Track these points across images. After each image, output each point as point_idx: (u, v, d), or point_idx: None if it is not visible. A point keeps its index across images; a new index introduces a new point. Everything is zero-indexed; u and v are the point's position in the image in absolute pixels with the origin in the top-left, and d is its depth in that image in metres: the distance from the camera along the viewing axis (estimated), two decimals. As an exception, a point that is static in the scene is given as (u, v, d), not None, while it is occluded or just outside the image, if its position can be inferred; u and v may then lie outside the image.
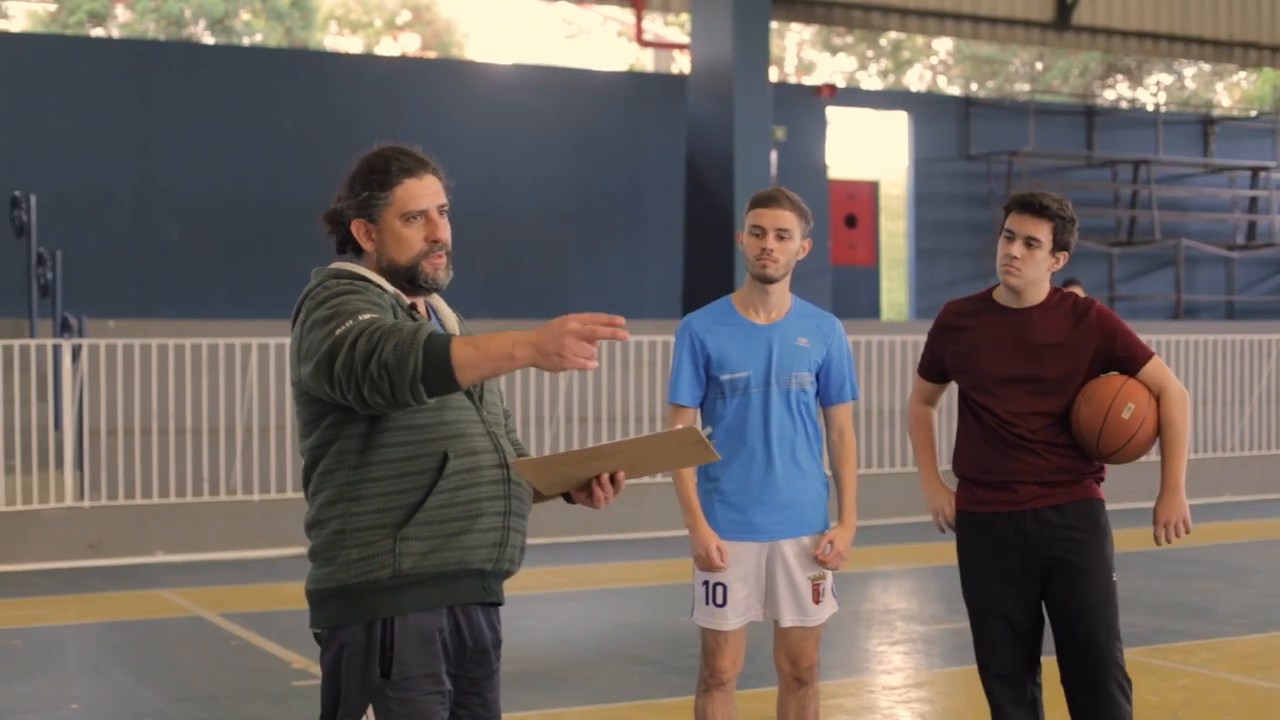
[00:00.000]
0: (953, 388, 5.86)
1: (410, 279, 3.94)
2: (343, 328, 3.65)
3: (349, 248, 4.01)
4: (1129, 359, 5.53)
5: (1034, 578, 5.54)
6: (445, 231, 3.96)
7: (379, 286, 3.89)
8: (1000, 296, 5.65)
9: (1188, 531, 5.55)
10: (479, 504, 3.84)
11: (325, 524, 3.86)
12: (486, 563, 3.88)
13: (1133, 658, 6.60)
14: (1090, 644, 5.50)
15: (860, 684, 8.66)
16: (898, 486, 16.54)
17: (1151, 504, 5.60)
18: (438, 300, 4.11)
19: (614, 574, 12.91)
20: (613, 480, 3.94)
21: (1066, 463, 5.51)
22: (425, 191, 3.94)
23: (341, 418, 3.80)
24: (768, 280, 5.75)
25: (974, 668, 9.18)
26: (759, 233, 5.71)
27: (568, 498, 4.03)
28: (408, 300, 3.95)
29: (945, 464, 6.08)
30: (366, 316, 3.67)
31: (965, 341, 5.65)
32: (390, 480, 3.79)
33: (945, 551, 14.40)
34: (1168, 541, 5.57)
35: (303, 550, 14.05)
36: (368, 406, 3.63)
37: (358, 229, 3.95)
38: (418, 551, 3.78)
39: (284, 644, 9.87)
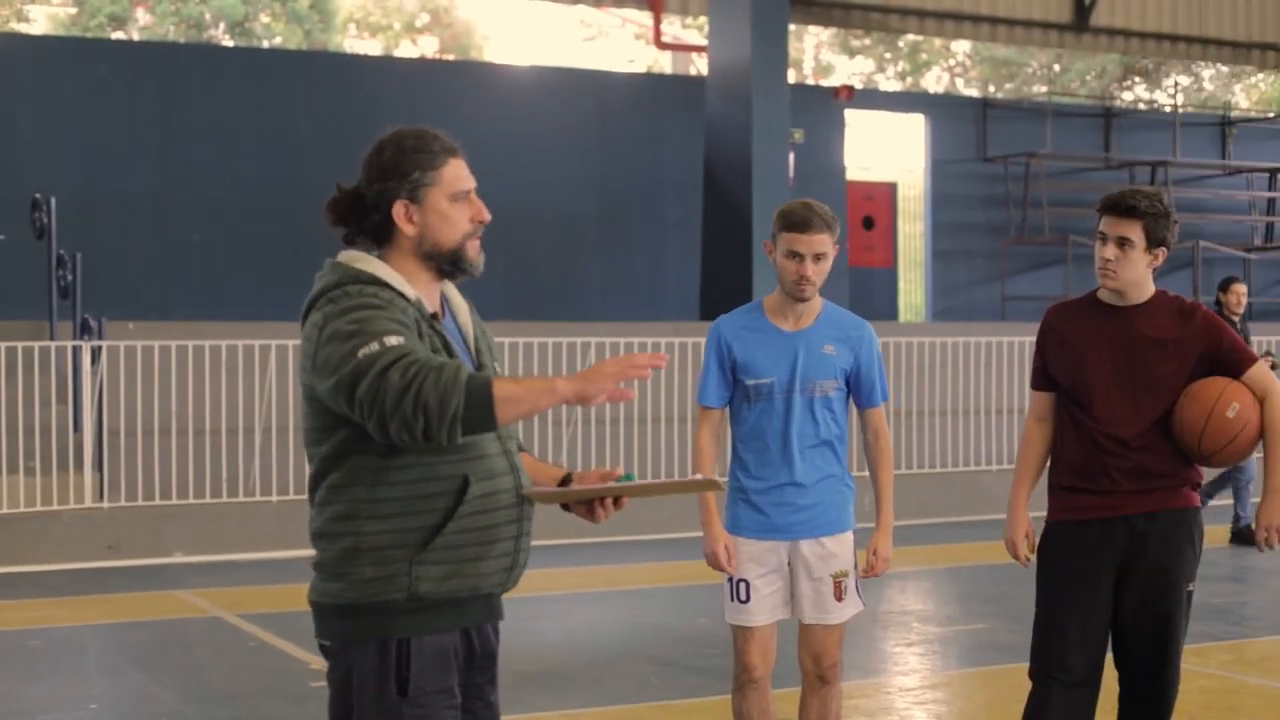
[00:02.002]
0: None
1: (454, 262, 3.84)
2: (367, 349, 3.55)
3: (363, 238, 3.87)
4: (1234, 362, 5.46)
5: (1112, 582, 5.49)
6: (487, 211, 3.87)
7: (403, 296, 3.75)
8: (1104, 296, 5.57)
9: None
10: (495, 529, 3.79)
11: (336, 538, 3.78)
12: (496, 587, 3.85)
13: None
14: (1159, 655, 5.48)
15: (876, 685, 8.66)
16: (915, 488, 16.53)
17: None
18: (450, 289, 3.99)
19: (631, 575, 12.92)
20: (615, 501, 3.90)
21: (1165, 467, 5.44)
22: (467, 172, 3.86)
23: (358, 432, 3.68)
24: (804, 300, 5.82)
25: (991, 669, 9.20)
26: (796, 257, 5.73)
27: (564, 506, 3.99)
28: (429, 309, 3.82)
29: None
30: (394, 341, 3.56)
31: (1068, 342, 5.58)
32: (408, 501, 3.71)
33: (961, 553, 14.45)
34: (1270, 546, 5.53)
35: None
36: (387, 438, 3.54)
37: (400, 211, 3.80)
38: (435, 577, 3.72)
39: (302, 645, 9.88)
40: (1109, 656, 5.58)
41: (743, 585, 5.87)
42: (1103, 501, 5.47)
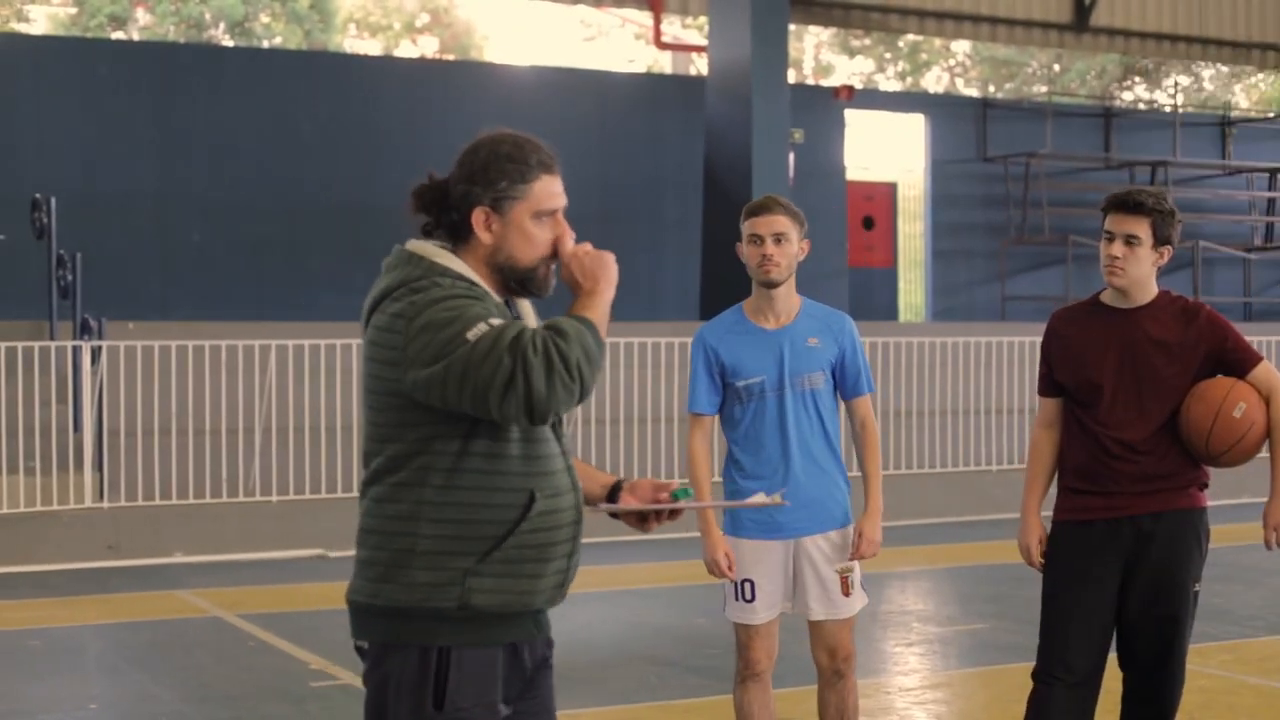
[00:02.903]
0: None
1: (523, 281, 3.73)
2: (475, 331, 3.45)
3: (441, 232, 3.75)
4: (1239, 362, 5.47)
5: (1118, 582, 5.49)
6: (572, 236, 3.76)
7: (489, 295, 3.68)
8: (1108, 298, 5.58)
9: None
10: (553, 548, 3.71)
11: (390, 537, 3.64)
12: (546, 604, 3.78)
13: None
14: (1165, 655, 5.49)
15: (876, 685, 8.65)
16: (915, 488, 16.53)
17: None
18: (525, 306, 3.89)
19: (632, 575, 12.92)
20: (671, 513, 3.87)
21: (1171, 468, 5.45)
22: (558, 190, 3.76)
23: (434, 432, 3.59)
24: (772, 285, 5.88)
25: (991, 669, 9.19)
26: (757, 240, 5.84)
27: (614, 514, 3.95)
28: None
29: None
30: (496, 321, 3.47)
31: (1073, 345, 5.57)
32: (473, 509, 3.61)
33: (961, 553, 14.45)
34: (1278, 545, 5.56)
35: (321, 551, 14.11)
36: (531, 416, 3.45)
37: (479, 218, 3.67)
38: (488, 589, 3.62)
39: (302, 645, 9.89)
40: (1112, 656, 5.58)
41: (748, 585, 5.92)
42: (1108, 503, 5.47)
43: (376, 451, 3.68)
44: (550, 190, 3.74)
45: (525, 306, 3.89)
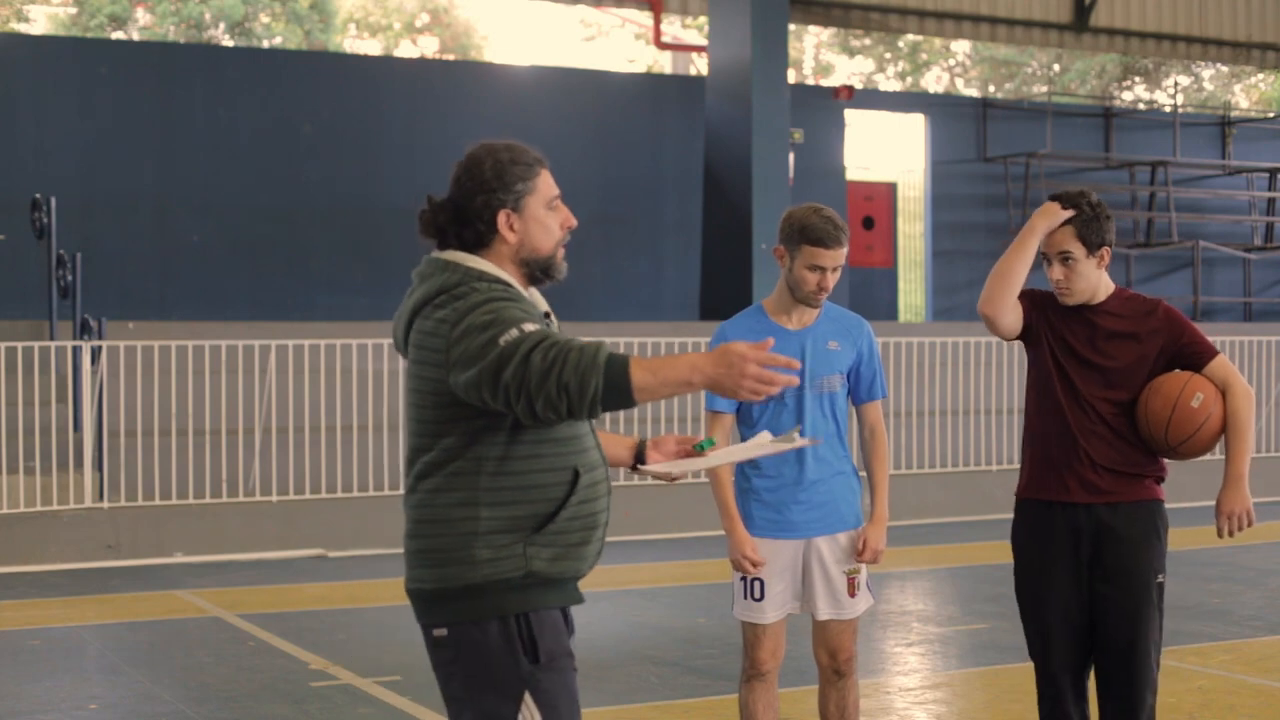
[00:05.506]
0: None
1: (545, 269, 4.05)
2: (507, 336, 3.72)
3: (456, 245, 4.02)
4: (1195, 355, 5.54)
5: (1085, 572, 5.55)
6: (574, 218, 4.09)
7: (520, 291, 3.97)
8: None
9: (1250, 524, 5.55)
10: (596, 516, 4.03)
11: (451, 524, 3.94)
12: (589, 570, 4.10)
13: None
14: (1129, 648, 5.51)
15: (876, 685, 8.66)
16: (915, 488, 16.53)
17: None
18: (535, 294, 4.15)
19: (632, 575, 12.91)
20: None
21: (1128, 459, 5.52)
22: (553, 180, 4.10)
23: (484, 425, 3.88)
24: (817, 306, 5.96)
25: (991, 669, 9.19)
26: (818, 270, 5.84)
27: (635, 467, 4.31)
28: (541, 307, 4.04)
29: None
30: (531, 327, 3.74)
31: (1052, 318, 5.67)
32: (526, 490, 3.92)
33: (961, 553, 14.43)
34: (1230, 535, 5.59)
35: (321, 551, 14.12)
36: (535, 418, 3.71)
37: (504, 220, 3.99)
38: (546, 557, 3.95)
39: (302, 645, 9.89)
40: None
41: (757, 584, 5.96)
42: (1065, 483, 5.55)
43: (428, 446, 3.98)
44: (549, 181, 4.09)
45: (537, 298, 4.16)
